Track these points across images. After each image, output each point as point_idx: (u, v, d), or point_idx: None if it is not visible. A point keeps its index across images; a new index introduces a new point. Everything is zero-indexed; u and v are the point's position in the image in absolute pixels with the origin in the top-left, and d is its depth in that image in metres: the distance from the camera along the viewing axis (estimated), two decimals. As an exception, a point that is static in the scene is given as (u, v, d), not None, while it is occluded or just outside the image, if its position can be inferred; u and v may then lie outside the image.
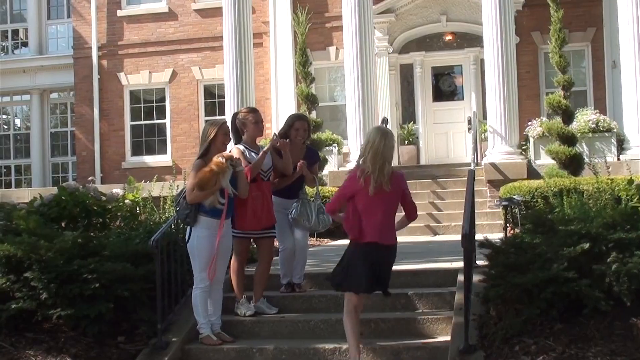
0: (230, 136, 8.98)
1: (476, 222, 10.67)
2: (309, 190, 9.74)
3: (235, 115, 9.46)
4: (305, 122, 9.75)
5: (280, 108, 22.73)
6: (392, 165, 7.67)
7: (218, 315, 8.61)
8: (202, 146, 8.66)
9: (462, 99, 22.77)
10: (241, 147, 9.17)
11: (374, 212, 7.56)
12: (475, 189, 10.98)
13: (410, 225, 16.83)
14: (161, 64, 25.03)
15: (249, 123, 9.25)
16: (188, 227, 8.53)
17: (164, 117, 25.13)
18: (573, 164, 17.54)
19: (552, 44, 18.85)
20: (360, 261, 7.54)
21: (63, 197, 10.84)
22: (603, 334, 7.38)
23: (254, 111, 9.47)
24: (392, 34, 22.67)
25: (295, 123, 9.63)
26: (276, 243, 9.65)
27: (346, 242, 8.06)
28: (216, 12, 22.48)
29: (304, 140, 9.69)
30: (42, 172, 27.17)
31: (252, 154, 9.10)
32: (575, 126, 18.53)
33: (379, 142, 7.45)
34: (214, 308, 8.57)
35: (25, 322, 8.69)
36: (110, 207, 11.31)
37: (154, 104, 25.35)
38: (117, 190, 12.30)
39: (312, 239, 15.44)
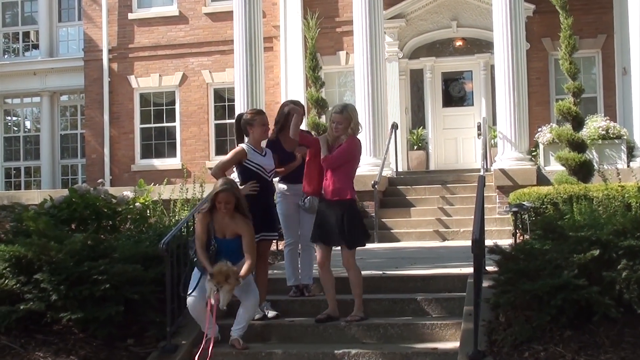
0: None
1: (485, 228, 10.65)
2: None
3: (240, 116, 9.48)
4: (301, 108, 9.70)
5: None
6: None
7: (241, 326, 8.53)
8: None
9: (472, 104, 22.73)
10: (245, 146, 9.21)
11: None
12: (484, 194, 10.97)
13: (419, 230, 16.95)
14: (171, 67, 25.06)
15: (257, 125, 9.27)
16: None
17: (174, 121, 25.15)
18: (583, 171, 17.51)
19: (563, 51, 18.82)
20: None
21: (73, 199, 10.87)
22: (613, 341, 7.37)
23: (260, 113, 9.49)
24: (403, 39, 22.66)
25: (287, 108, 9.66)
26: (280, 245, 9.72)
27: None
28: (227, 16, 22.50)
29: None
30: (52, 174, 27.21)
31: (257, 155, 9.15)
32: (585, 133, 18.50)
33: None
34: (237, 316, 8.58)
35: (35, 324, 8.70)
36: (120, 209, 11.34)
37: (164, 107, 25.37)
38: (127, 192, 12.34)
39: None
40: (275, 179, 9.64)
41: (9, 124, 28.87)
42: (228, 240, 8.49)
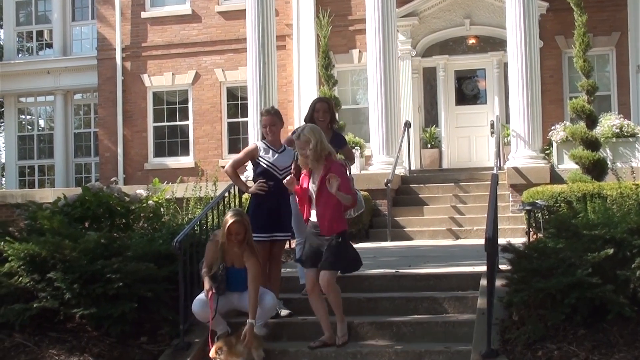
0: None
1: (499, 227, 10.64)
2: None
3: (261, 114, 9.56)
4: (325, 104, 9.86)
5: (302, 110, 22.66)
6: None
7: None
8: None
9: (485, 102, 22.69)
10: (259, 143, 9.24)
11: None
12: (497, 193, 10.94)
13: (432, 229, 16.95)
14: (184, 66, 25.09)
15: (262, 126, 9.33)
16: None
17: (187, 119, 25.18)
18: (596, 169, 17.44)
19: (576, 48, 18.75)
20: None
21: (87, 198, 10.89)
22: (627, 340, 7.35)
23: (265, 113, 9.42)
24: (416, 37, 22.63)
25: (316, 105, 9.75)
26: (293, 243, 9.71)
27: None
28: (239, 14, 22.50)
29: (328, 122, 9.71)
30: (65, 173, 27.28)
31: (271, 151, 9.13)
32: (599, 131, 18.43)
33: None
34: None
35: (48, 322, 8.74)
36: (133, 207, 11.35)
37: (177, 106, 25.40)
38: (140, 191, 12.35)
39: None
40: None
41: (23, 122, 28.97)
42: (236, 270, 8.44)
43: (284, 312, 9.05)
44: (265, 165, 9.06)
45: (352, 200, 8.32)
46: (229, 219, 8.32)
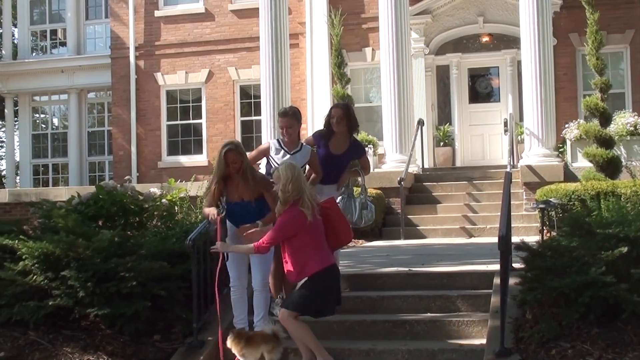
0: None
1: (512, 225, 10.61)
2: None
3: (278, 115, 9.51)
4: (340, 109, 9.53)
5: (315, 109, 22.73)
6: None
7: (260, 317, 8.47)
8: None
9: (499, 100, 22.64)
10: (272, 142, 9.23)
11: None
12: (511, 191, 10.93)
13: (445, 227, 16.95)
14: (198, 65, 25.15)
15: (278, 127, 9.28)
16: None
17: (200, 117, 25.23)
18: (610, 167, 17.40)
19: (589, 46, 18.73)
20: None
21: (100, 196, 10.92)
22: (641, 339, 7.33)
23: (283, 115, 9.26)
24: (429, 35, 22.60)
25: (332, 111, 9.58)
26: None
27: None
28: (253, 12, 22.53)
29: (346, 130, 9.48)
30: (79, 171, 27.36)
31: (282, 152, 9.05)
32: (612, 129, 18.38)
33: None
34: (256, 309, 8.51)
35: (62, 320, 8.77)
36: (147, 206, 11.37)
37: (190, 104, 25.46)
38: (154, 189, 12.39)
39: (347, 239, 15.42)
40: None
41: (37, 121, 29.07)
42: (244, 204, 8.37)
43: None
44: (274, 165, 9.00)
45: (254, 250, 7.81)
46: (223, 149, 8.29)
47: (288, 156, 8.99)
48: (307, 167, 9.29)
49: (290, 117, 9.16)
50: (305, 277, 7.74)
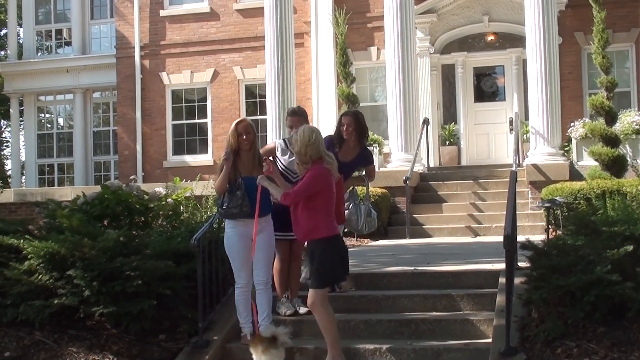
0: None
1: (518, 224, 10.60)
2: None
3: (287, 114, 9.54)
4: (350, 117, 9.60)
5: (321, 108, 22.75)
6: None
7: (264, 316, 8.45)
8: None
9: (504, 99, 22.64)
10: (279, 141, 9.23)
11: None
12: (517, 190, 10.92)
13: (451, 226, 16.94)
14: (203, 64, 25.16)
15: (287, 126, 9.29)
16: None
17: (205, 117, 25.25)
18: (616, 166, 17.39)
19: (595, 45, 18.70)
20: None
21: (106, 196, 10.93)
22: (647, 338, 7.31)
23: (292, 114, 9.34)
24: (434, 34, 22.59)
25: (342, 119, 9.62)
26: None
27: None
28: (258, 12, 22.55)
29: (356, 138, 9.53)
30: (85, 171, 27.39)
31: (288, 153, 9.00)
32: (618, 127, 18.36)
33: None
34: (259, 308, 8.48)
35: (67, 319, 8.78)
36: (152, 205, 11.38)
37: (196, 104, 25.47)
38: (159, 189, 12.39)
39: (352, 239, 15.48)
40: None
41: (43, 121, 29.09)
42: (252, 178, 8.29)
43: (303, 309, 9.02)
44: (280, 166, 9.00)
45: (281, 197, 7.79)
46: (235, 122, 8.46)
47: (293, 157, 8.97)
48: None
49: (300, 117, 9.22)
50: (311, 238, 7.86)
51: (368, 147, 10.40)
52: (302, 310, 9.01)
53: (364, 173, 10.16)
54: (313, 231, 7.79)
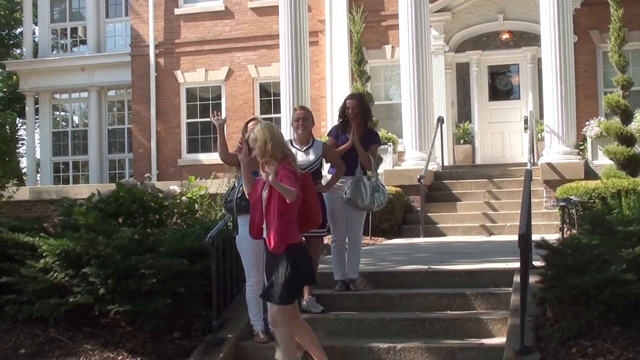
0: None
1: (532, 223, 10.59)
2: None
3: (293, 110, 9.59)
4: (355, 100, 9.79)
5: (335, 106, 22.68)
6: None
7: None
8: None
9: (519, 98, 22.58)
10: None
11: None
12: (531, 189, 10.89)
13: (465, 225, 16.89)
14: (217, 62, 25.19)
15: (294, 119, 9.33)
16: None
17: (220, 115, 25.22)
18: (632, 165, 17.32)
19: (612, 43, 18.62)
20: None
21: (121, 194, 10.98)
22: (662, 338, 7.29)
23: (300, 108, 9.48)
24: (449, 33, 22.56)
25: (346, 101, 9.82)
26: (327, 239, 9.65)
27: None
28: (272, 10, 22.55)
29: (360, 120, 9.66)
30: (100, 169, 27.48)
31: (294, 149, 8.98)
32: (634, 126, 18.27)
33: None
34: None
35: (82, 317, 8.80)
36: (167, 203, 11.42)
37: (210, 102, 25.48)
38: (174, 187, 12.44)
39: (367, 237, 15.42)
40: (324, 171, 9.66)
41: (58, 119, 29.19)
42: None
43: (317, 309, 9.04)
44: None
45: (294, 195, 7.04)
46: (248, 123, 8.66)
47: (300, 153, 9.02)
48: (328, 167, 9.38)
49: (307, 111, 9.39)
50: (286, 244, 7.13)
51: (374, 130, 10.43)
52: (316, 309, 9.01)
53: None
54: (285, 236, 7.15)
